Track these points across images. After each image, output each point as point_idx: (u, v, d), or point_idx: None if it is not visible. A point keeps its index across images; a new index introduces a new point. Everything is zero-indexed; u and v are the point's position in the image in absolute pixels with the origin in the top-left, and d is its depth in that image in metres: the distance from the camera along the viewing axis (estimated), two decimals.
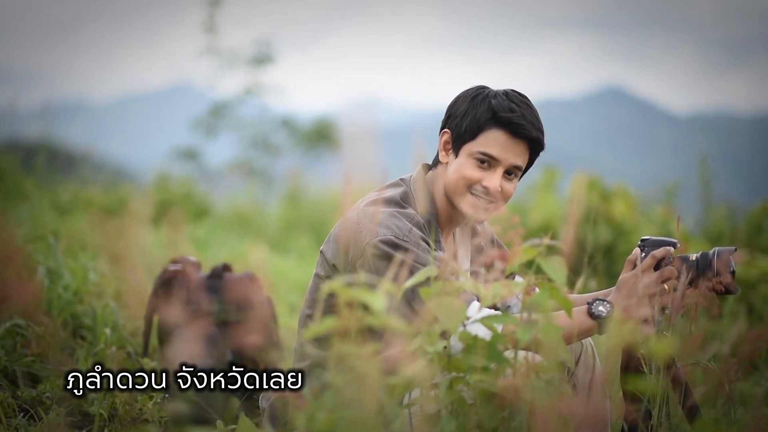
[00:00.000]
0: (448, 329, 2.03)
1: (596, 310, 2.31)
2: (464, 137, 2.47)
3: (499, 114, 2.43)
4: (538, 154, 2.54)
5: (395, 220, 2.38)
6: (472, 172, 2.46)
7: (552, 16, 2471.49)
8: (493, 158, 2.45)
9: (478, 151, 2.45)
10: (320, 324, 1.80)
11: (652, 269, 2.36)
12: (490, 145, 2.45)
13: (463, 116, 2.48)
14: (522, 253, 2.07)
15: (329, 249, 2.47)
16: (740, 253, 2.43)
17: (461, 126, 2.48)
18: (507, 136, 2.45)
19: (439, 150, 2.55)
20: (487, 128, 2.45)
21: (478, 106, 2.46)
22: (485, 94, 2.48)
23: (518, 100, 2.47)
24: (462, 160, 2.47)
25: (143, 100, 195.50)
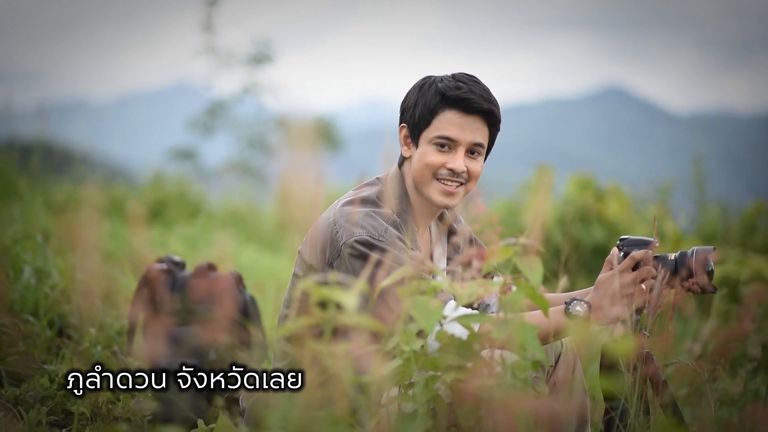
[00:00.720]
0: (424, 328, 2.03)
1: (573, 309, 2.31)
2: (420, 126, 2.49)
3: (447, 94, 2.45)
4: (497, 128, 2.54)
5: (371, 220, 2.39)
6: (433, 157, 2.47)
7: (552, 15, 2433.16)
8: (451, 140, 2.46)
9: (435, 136, 2.47)
10: (293, 323, 1.81)
11: (630, 269, 2.37)
12: (446, 127, 2.46)
13: (415, 106, 2.50)
14: (498, 253, 2.07)
15: (306, 249, 2.48)
16: (717, 252, 2.44)
17: (415, 116, 2.50)
18: (460, 114, 2.46)
19: (400, 146, 2.56)
20: (439, 111, 2.47)
21: (426, 93, 2.49)
22: (432, 81, 2.51)
23: (465, 78, 2.49)
24: (422, 149, 2.49)
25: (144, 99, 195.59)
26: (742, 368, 2.45)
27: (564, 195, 7.76)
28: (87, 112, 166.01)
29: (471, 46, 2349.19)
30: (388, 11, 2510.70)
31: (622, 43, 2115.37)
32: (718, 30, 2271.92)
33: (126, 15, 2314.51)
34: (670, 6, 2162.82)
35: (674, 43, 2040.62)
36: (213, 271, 3.22)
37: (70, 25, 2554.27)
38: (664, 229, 7.07)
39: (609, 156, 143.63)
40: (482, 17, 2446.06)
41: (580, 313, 2.31)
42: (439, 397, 2.10)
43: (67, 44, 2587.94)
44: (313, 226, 2.50)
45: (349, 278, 2.28)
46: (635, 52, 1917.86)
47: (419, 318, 2.02)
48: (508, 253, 2.07)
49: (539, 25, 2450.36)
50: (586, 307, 2.31)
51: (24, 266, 3.72)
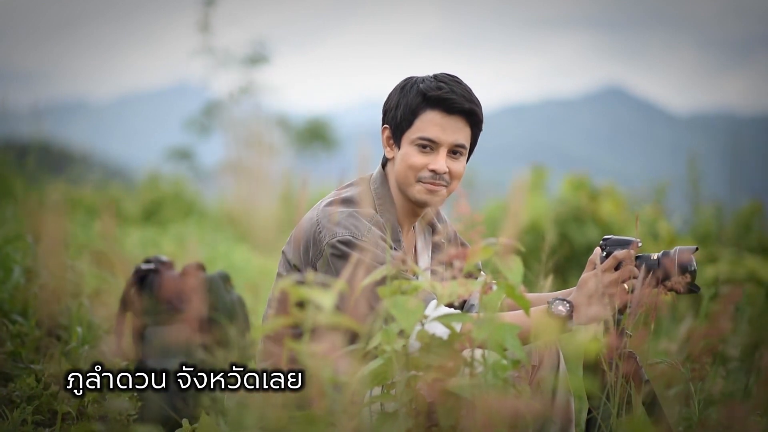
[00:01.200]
0: (404, 328, 2.04)
1: (555, 309, 2.32)
2: (402, 127, 2.49)
3: (429, 95, 2.45)
4: (479, 128, 2.54)
5: (354, 220, 2.39)
6: (416, 159, 2.47)
7: (552, 15, 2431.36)
8: (432, 141, 2.47)
9: (417, 137, 2.47)
10: (269, 323, 1.81)
11: (612, 269, 2.37)
12: (427, 128, 2.46)
13: (396, 107, 2.50)
14: (478, 253, 2.08)
15: (290, 249, 2.48)
16: (699, 252, 2.44)
17: (397, 117, 2.50)
18: (441, 114, 2.46)
19: (383, 147, 2.57)
20: (420, 112, 2.47)
21: (408, 94, 2.49)
22: (413, 82, 2.51)
23: (446, 79, 2.49)
24: (404, 150, 2.49)
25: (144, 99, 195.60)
26: (724, 367, 2.45)
27: (558, 195, 7.76)
28: (87, 112, 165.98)
29: (471, 46, 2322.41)
30: (388, 11, 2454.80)
31: (622, 43, 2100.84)
32: (718, 30, 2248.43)
33: (126, 15, 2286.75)
34: (670, 6, 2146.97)
35: (674, 43, 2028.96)
36: (201, 272, 3.23)
37: (69, 25, 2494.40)
38: (657, 229, 7.07)
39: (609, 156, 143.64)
40: (482, 17, 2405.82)
41: (563, 313, 2.31)
42: (421, 397, 2.11)
43: (67, 44, 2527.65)
44: (297, 226, 2.51)
45: (332, 278, 2.28)
46: (635, 52, 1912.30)
47: (399, 317, 2.03)
48: (488, 253, 2.07)
49: (539, 25, 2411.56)
50: (569, 307, 2.32)
51: (14, 266, 3.72)
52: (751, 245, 7.35)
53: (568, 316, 2.31)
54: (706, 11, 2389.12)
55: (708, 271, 6.68)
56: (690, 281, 2.38)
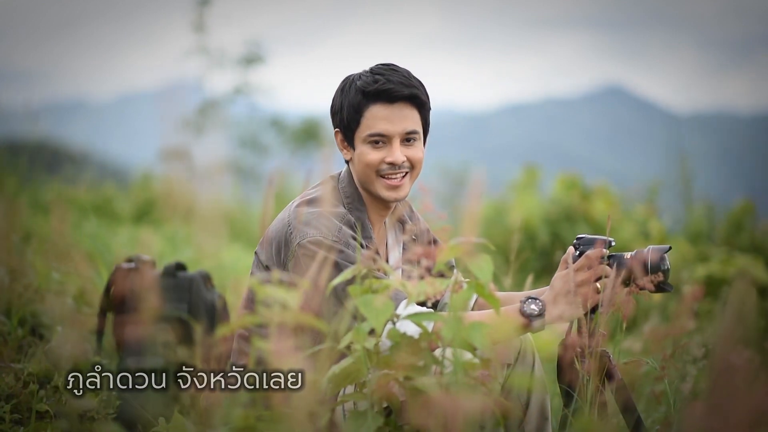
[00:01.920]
0: (374, 326, 2.04)
1: (528, 308, 2.32)
2: (351, 128, 2.50)
3: (367, 90, 2.46)
4: (427, 109, 2.54)
5: (324, 220, 2.40)
6: (371, 156, 2.48)
7: (552, 15, 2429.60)
8: (383, 135, 2.47)
9: (367, 134, 2.48)
10: (235, 322, 1.82)
11: (585, 268, 2.38)
12: (374, 123, 2.47)
13: (341, 110, 2.51)
14: (446, 252, 2.09)
15: (262, 250, 2.49)
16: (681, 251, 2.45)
17: (344, 119, 2.51)
18: (384, 106, 2.47)
19: (340, 151, 2.58)
20: (364, 109, 2.47)
21: (348, 94, 2.50)
22: (351, 81, 2.52)
23: (381, 70, 2.50)
24: (359, 149, 2.50)
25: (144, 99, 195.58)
26: (693, 367, 2.46)
27: (550, 194, 7.77)
28: (87, 112, 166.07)
29: (471, 46, 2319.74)
30: (388, 11, 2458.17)
31: (622, 42, 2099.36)
32: (718, 30, 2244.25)
33: (126, 15, 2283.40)
34: (670, 6, 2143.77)
35: (674, 42, 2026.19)
36: (182, 271, 3.23)
37: (69, 25, 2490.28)
38: (648, 228, 7.08)
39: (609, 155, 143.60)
40: (482, 17, 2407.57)
41: (534, 312, 2.32)
42: (393, 395, 2.12)
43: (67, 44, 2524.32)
44: (269, 227, 2.52)
45: (303, 279, 2.29)
46: (635, 51, 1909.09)
47: (369, 316, 2.04)
48: (456, 252, 2.08)
49: (539, 24, 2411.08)
50: (540, 306, 2.33)
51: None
52: (742, 244, 7.37)
53: (539, 314, 2.32)
54: (706, 11, 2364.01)
55: (699, 270, 6.69)
56: (662, 280, 2.39)
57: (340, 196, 2.53)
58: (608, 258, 2.44)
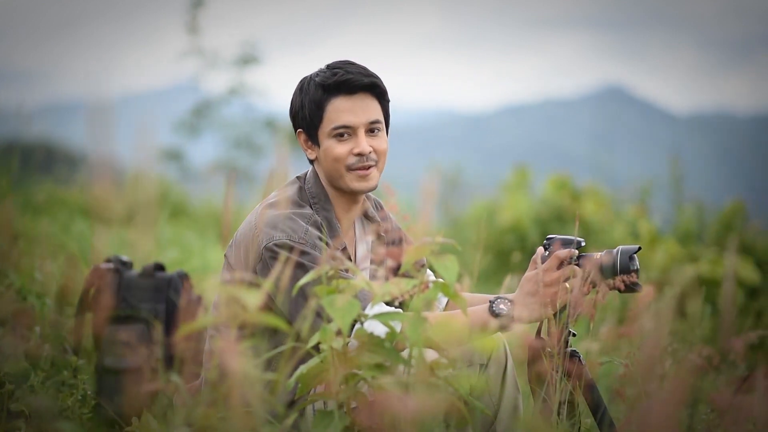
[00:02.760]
0: (340, 326, 2.05)
1: (497, 308, 2.34)
2: (314, 124, 2.51)
3: (327, 84, 2.48)
4: (387, 99, 2.57)
5: (290, 222, 2.41)
6: (338, 150, 2.49)
7: (552, 15, 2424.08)
8: (347, 126, 2.49)
9: (331, 128, 2.49)
10: (195, 322, 1.83)
11: (554, 268, 2.39)
12: (337, 116, 2.48)
13: (302, 108, 2.53)
14: (413, 252, 2.10)
15: (232, 253, 2.51)
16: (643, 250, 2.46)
17: (306, 117, 2.52)
18: (344, 98, 2.49)
19: (304, 152, 2.59)
20: (325, 104, 2.49)
21: (308, 91, 2.52)
22: (309, 79, 2.54)
23: (338, 64, 2.52)
24: (324, 145, 2.51)
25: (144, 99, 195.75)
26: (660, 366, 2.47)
27: (541, 195, 7.79)
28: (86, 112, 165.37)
29: (471, 46, 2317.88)
30: (388, 11, 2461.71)
31: (622, 42, 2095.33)
32: (717, 30, 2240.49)
33: (126, 15, 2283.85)
34: (670, 6, 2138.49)
35: (674, 43, 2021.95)
36: (160, 272, 3.24)
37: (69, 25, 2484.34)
38: (638, 228, 7.09)
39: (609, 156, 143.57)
40: (482, 17, 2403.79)
41: (504, 312, 2.33)
42: (361, 395, 2.13)
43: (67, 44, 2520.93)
44: (237, 230, 2.53)
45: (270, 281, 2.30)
46: (635, 52, 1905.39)
47: (335, 316, 2.05)
48: (424, 252, 2.09)
49: (539, 24, 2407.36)
50: (510, 306, 2.34)
51: None
52: (733, 245, 7.38)
53: (509, 314, 2.33)
54: (706, 11, 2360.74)
55: (688, 271, 6.71)
56: (632, 281, 2.40)
57: (307, 197, 2.54)
58: (577, 258, 2.45)
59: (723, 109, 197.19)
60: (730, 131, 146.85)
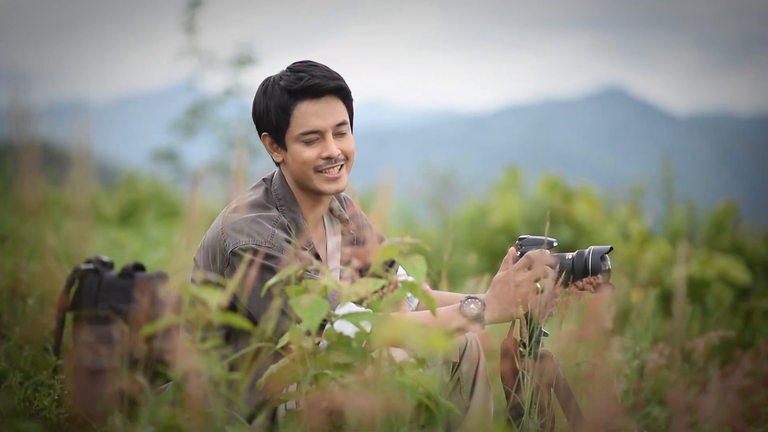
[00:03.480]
0: (308, 326, 2.06)
1: (467, 308, 2.35)
2: (281, 128, 2.50)
3: (293, 89, 2.46)
4: (351, 99, 2.56)
5: (256, 225, 2.40)
6: (307, 154, 2.49)
7: (552, 15, 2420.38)
8: (315, 131, 2.48)
9: (299, 133, 2.48)
10: (157, 322, 1.84)
11: (525, 269, 2.40)
12: (304, 121, 2.47)
13: (267, 112, 2.51)
14: (381, 252, 2.11)
15: (200, 258, 2.51)
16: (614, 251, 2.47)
17: (272, 121, 2.50)
18: (311, 102, 2.47)
19: (270, 154, 2.58)
20: (292, 108, 2.47)
21: (272, 96, 2.49)
22: (273, 82, 2.51)
23: (302, 67, 2.50)
24: (292, 149, 2.50)
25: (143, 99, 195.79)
26: (628, 366, 2.48)
27: (532, 196, 7.79)
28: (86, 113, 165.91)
29: (471, 46, 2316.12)
30: (388, 11, 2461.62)
31: (622, 43, 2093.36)
32: (717, 30, 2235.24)
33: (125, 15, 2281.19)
34: (670, 6, 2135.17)
35: (674, 43, 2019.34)
36: (140, 272, 3.24)
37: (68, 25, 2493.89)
38: (628, 229, 7.10)
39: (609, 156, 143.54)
40: (482, 17, 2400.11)
41: (474, 311, 2.34)
42: (332, 395, 2.13)
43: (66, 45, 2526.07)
44: (205, 235, 2.53)
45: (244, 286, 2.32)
46: (635, 52, 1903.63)
47: (303, 316, 2.06)
48: (392, 253, 2.10)
49: (539, 25, 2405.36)
50: (480, 306, 2.35)
51: None
52: (723, 245, 7.39)
53: (479, 314, 2.34)
54: (705, 11, 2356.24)
55: (678, 271, 6.71)
56: (603, 281, 2.41)
57: (273, 199, 2.54)
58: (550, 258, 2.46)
59: (723, 109, 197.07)
60: (730, 132, 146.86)
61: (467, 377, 2.51)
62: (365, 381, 2.01)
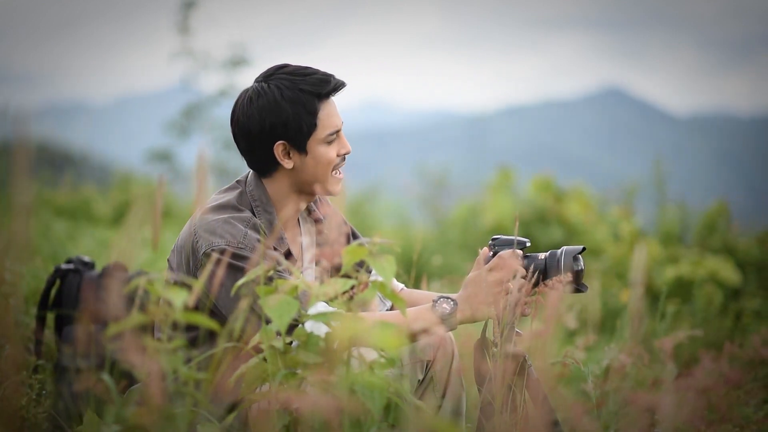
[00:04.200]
0: (278, 326, 2.07)
1: (440, 307, 2.36)
2: (307, 134, 2.48)
3: (322, 91, 2.48)
4: None
5: (229, 227, 2.41)
6: (331, 154, 2.52)
7: (551, 16, 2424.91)
8: (338, 130, 2.53)
9: (327, 134, 2.50)
10: (121, 322, 1.85)
11: (498, 269, 2.41)
12: (329, 121, 2.51)
13: (288, 120, 2.47)
14: (350, 253, 2.12)
15: (174, 259, 2.52)
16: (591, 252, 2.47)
17: (298, 127, 2.47)
18: (328, 102, 2.52)
19: (278, 160, 2.51)
20: (318, 111, 2.49)
21: (297, 101, 2.47)
22: (286, 88, 2.48)
23: (308, 69, 2.51)
24: (317, 152, 2.50)
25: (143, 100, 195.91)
26: (597, 366, 2.49)
27: (524, 196, 7.81)
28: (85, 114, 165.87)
29: (470, 46, 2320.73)
30: (388, 12, 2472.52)
31: (622, 43, 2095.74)
32: (718, 30, 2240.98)
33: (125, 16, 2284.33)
34: (670, 6, 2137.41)
35: (674, 43, 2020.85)
36: (122, 272, 3.26)
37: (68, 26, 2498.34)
38: (618, 229, 7.11)
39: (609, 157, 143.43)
40: (482, 17, 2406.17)
41: (446, 311, 2.36)
42: (302, 395, 2.14)
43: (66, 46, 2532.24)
44: (178, 236, 2.54)
45: (215, 287, 2.33)
46: (635, 52, 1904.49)
47: (272, 316, 2.07)
48: (361, 254, 2.11)
49: (539, 25, 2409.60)
50: (453, 305, 2.36)
51: None
52: (714, 246, 7.40)
53: (451, 314, 2.35)
54: (705, 11, 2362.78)
55: (668, 272, 6.72)
56: (576, 281, 2.42)
57: (248, 200, 2.54)
58: (522, 259, 2.47)
59: (723, 109, 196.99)
60: (730, 132, 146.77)
61: (440, 376, 2.52)
62: (333, 381, 2.02)
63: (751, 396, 2.18)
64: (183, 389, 1.82)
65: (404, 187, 10.15)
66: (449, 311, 2.34)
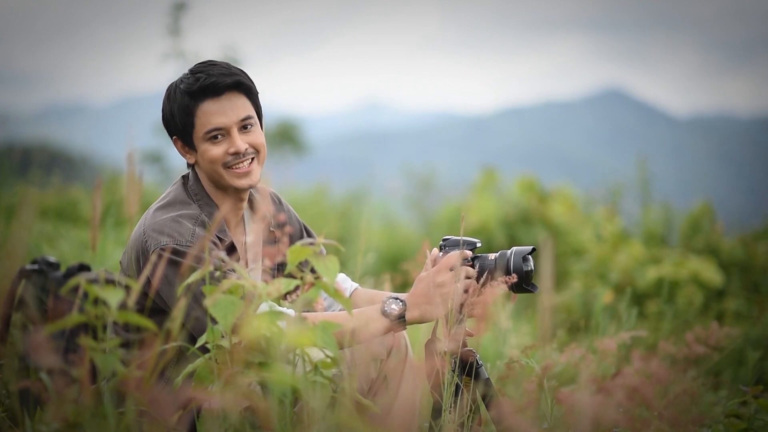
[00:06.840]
0: (222, 326, 2.09)
1: (388, 308, 2.38)
2: (188, 131, 2.54)
3: (192, 90, 2.51)
4: (255, 93, 2.59)
5: (177, 225, 2.44)
6: (214, 152, 2.52)
7: (553, 17, 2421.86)
8: (220, 129, 2.52)
9: (204, 132, 2.52)
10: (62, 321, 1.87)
11: (447, 269, 2.42)
12: (207, 120, 2.51)
13: (172, 116, 2.55)
14: (294, 252, 2.14)
15: (125, 259, 2.54)
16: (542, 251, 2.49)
17: (178, 124, 2.54)
18: (211, 101, 2.51)
19: (183, 157, 2.62)
20: (194, 109, 2.51)
21: (175, 99, 2.54)
22: (175, 86, 2.56)
23: (200, 68, 2.54)
24: (201, 149, 2.54)
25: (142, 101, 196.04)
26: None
27: (508, 196, 7.82)
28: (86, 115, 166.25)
29: (472, 48, 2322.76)
30: (389, 13, 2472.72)
31: (623, 45, 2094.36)
32: (718, 32, 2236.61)
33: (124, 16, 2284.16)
34: (671, 7, 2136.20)
35: (675, 44, 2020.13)
36: (86, 272, 3.27)
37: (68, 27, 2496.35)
38: (601, 230, 7.12)
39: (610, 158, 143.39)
40: (483, 19, 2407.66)
41: (395, 311, 2.37)
42: (253, 393, 2.16)
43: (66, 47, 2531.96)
44: (130, 237, 2.56)
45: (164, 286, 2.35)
46: (636, 54, 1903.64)
47: (217, 316, 2.09)
48: (305, 253, 2.13)
49: (540, 26, 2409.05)
50: (402, 306, 2.38)
51: None
52: (698, 247, 7.41)
53: (400, 314, 2.37)
54: (706, 13, 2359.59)
55: (651, 272, 6.74)
56: (524, 281, 2.44)
57: (191, 194, 2.57)
58: (472, 259, 2.49)
59: (724, 111, 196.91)
60: (730, 133, 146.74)
61: (394, 374, 2.53)
62: (277, 380, 2.04)
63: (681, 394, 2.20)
64: (120, 388, 1.84)
65: (392, 188, 10.18)
66: (398, 311, 2.36)
